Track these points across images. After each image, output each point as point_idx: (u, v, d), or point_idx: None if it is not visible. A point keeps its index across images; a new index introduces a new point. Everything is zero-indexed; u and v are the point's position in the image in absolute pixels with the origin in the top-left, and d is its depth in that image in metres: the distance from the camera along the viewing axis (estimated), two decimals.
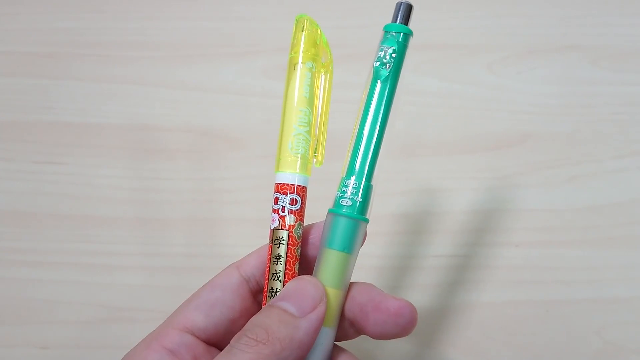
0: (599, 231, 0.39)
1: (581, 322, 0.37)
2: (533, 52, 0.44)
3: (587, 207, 0.39)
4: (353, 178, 0.25)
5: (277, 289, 0.25)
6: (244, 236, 0.40)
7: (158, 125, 0.43)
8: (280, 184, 0.27)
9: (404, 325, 0.24)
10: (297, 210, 0.26)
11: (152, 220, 0.40)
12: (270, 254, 0.26)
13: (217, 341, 0.26)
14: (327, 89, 0.28)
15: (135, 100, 0.44)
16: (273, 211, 0.26)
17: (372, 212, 0.26)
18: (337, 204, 0.26)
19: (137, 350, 0.25)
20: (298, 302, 0.24)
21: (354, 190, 0.25)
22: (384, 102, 0.26)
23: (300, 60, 0.27)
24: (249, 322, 0.24)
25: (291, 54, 0.28)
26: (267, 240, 0.27)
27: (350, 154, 0.26)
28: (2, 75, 0.45)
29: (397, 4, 0.27)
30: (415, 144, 0.42)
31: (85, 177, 0.42)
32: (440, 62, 0.44)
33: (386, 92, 0.26)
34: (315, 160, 0.27)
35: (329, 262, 0.25)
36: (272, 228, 0.26)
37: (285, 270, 0.26)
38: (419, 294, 0.38)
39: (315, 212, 0.27)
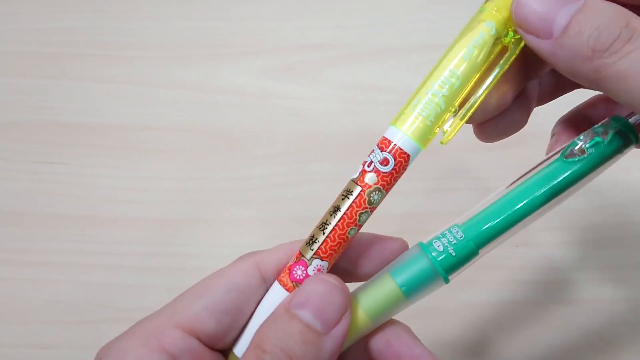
0: (599, 231, 0.39)
1: (581, 322, 0.37)
2: None
3: (587, 207, 0.39)
4: (465, 232, 0.22)
5: (318, 239, 0.22)
6: (244, 236, 0.40)
7: (158, 125, 0.43)
8: (384, 137, 0.22)
9: None
10: (384, 173, 0.22)
11: (152, 220, 0.40)
12: (333, 204, 0.23)
13: (223, 346, 0.23)
14: (500, 65, 0.22)
15: (135, 100, 0.44)
16: (362, 162, 0.23)
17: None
18: (431, 243, 0.22)
19: (131, 345, 0.22)
20: (322, 313, 0.21)
21: (456, 243, 0.22)
22: (550, 187, 0.22)
23: (485, 17, 0.22)
24: (266, 334, 0.21)
25: (483, 6, 0.22)
26: (269, 241, 0.27)
27: (480, 209, 0.22)
28: (2, 75, 0.45)
29: None
30: None
31: (85, 177, 0.42)
32: None
33: (561, 178, 0.22)
34: (442, 134, 0.23)
35: (380, 290, 0.22)
36: (351, 178, 0.23)
37: (335, 226, 0.22)
38: None
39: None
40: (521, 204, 0.22)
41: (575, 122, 0.27)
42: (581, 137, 0.22)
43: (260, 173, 0.41)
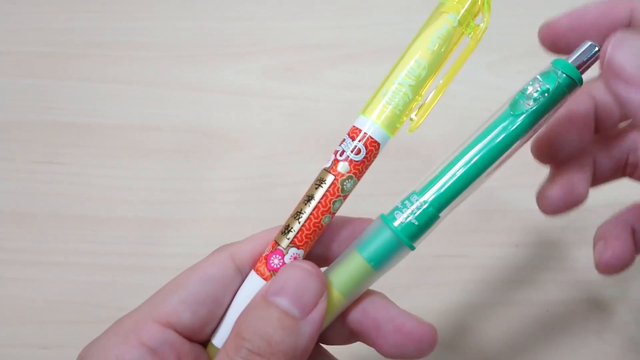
0: None
1: (581, 322, 0.37)
2: (533, 52, 0.44)
3: (587, 207, 0.39)
4: (423, 198, 0.22)
5: (293, 228, 0.23)
6: (244, 236, 0.40)
7: (158, 125, 0.43)
8: (354, 127, 0.23)
9: (425, 349, 0.23)
10: (357, 161, 0.23)
11: (152, 220, 0.40)
12: (306, 193, 0.23)
13: (201, 338, 0.24)
14: (463, 53, 0.23)
15: (135, 100, 0.44)
16: (334, 151, 0.23)
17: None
18: (392, 214, 0.23)
19: (112, 343, 0.22)
20: (299, 299, 0.21)
21: (417, 211, 0.22)
22: (501, 140, 0.22)
23: (447, 9, 0.23)
24: (245, 322, 0.21)
25: None
26: None
27: (435, 173, 0.23)
28: (2, 75, 0.45)
29: (585, 42, 0.22)
30: (415, 143, 0.42)
31: (85, 177, 0.42)
32: None
33: (511, 130, 0.22)
34: (409, 123, 0.23)
35: (350, 267, 0.23)
36: (323, 167, 0.23)
37: (310, 215, 0.23)
38: (419, 293, 0.38)
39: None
40: (474, 162, 0.22)
41: (619, 227, 0.28)
42: (527, 87, 0.22)
43: (260, 173, 0.41)
